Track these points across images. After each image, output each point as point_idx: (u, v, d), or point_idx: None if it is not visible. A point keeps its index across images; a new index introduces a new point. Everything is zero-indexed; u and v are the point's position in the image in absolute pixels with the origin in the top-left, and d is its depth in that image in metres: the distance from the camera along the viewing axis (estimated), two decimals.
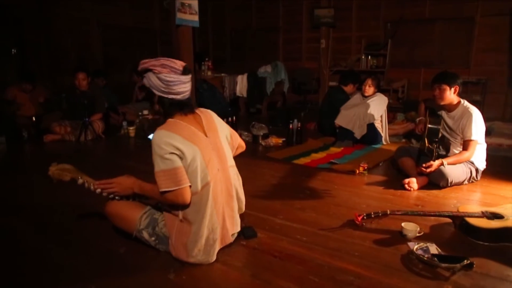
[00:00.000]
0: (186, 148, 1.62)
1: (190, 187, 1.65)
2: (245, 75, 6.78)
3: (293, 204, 2.55)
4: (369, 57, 7.11)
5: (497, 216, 2.08)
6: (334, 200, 2.66)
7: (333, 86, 6.43)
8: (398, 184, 2.92)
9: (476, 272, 1.71)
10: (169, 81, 1.67)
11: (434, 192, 2.80)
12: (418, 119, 3.33)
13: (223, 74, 6.83)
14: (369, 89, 4.41)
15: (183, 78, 1.71)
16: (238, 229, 1.95)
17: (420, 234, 2.05)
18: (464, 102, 2.95)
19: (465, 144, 2.87)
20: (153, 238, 1.82)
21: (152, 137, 1.64)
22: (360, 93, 4.55)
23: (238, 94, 6.86)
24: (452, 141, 3.02)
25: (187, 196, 1.64)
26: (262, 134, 4.55)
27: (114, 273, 1.72)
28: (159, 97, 1.73)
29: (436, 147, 2.82)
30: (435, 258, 1.74)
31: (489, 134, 4.12)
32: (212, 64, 7.14)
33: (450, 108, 2.97)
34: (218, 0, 8.61)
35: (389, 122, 4.81)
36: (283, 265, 1.78)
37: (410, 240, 2.00)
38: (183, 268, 1.73)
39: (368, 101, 4.36)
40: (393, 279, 1.66)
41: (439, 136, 2.94)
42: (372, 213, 2.19)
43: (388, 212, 2.18)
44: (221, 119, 1.95)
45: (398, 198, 2.71)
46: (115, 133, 5.05)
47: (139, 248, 1.88)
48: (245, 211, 2.05)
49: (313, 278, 1.67)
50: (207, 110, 1.89)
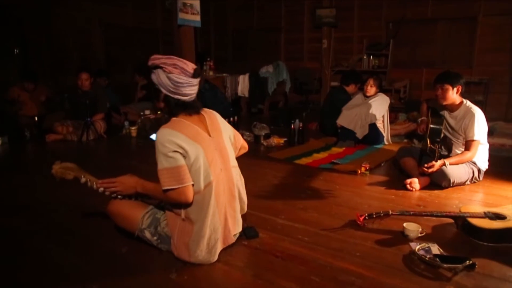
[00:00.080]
0: (190, 147, 1.63)
1: (193, 186, 1.65)
2: (247, 75, 6.78)
3: (295, 204, 2.55)
4: (371, 57, 7.10)
5: (500, 217, 2.07)
6: (336, 200, 2.65)
7: (335, 86, 6.42)
8: (400, 184, 2.92)
9: (478, 273, 1.70)
10: (179, 83, 1.67)
11: (436, 193, 2.79)
12: (420, 119, 3.32)
13: (225, 74, 6.83)
14: (371, 89, 4.41)
15: (192, 81, 1.70)
16: (240, 229, 1.95)
17: (422, 235, 2.04)
18: (467, 102, 2.94)
19: (467, 144, 2.86)
20: (155, 238, 1.83)
21: (156, 135, 1.64)
22: (362, 93, 4.55)
23: (240, 94, 6.86)
24: (454, 141, 3.01)
25: (190, 195, 1.64)
26: (264, 134, 4.55)
27: (116, 273, 1.72)
28: (166, 96, 1.72)
29: (438, 147, 2.81)
30: (437, 259, 1.74)
31: (492, 134, 4.11)
32: (214, 64, 7.14)
33: (453, 108, 2.96)
34: (220, 0, 8.61)
35: (391, 122, 4.80)
36: (285, 265, 1.78)
37: (412, 241, 2.00)
38: (185, 268, 1.73)
39: (370, 101, 4.36)
40: (395, 280, 1.66)
41: (441, 136, 2.94)
42: (374, 213, 2.18)
43: (390, 212, 2.17)
44: (224, 120, 1.95)
45: (400, 199, 2.71)
46: (117, 133, 5.06)
47: (141, 248, 1.88)
48: (247, 211, 2.05)
49: (315, 278, 1.67)
50: (211, 111, 1.89)
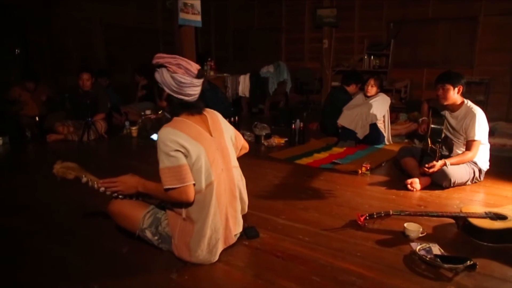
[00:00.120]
0: (191, 147, 1.63)
1: (194, 186, 1.66)
2: (248, 75, 6.78)
3: (296, 204, 2.55)
4: (372, 57, 7.10)
5: (501, 217, 2.07)
6: (337, 200, 2.65)
7: (336, 86, 6.42)
8: (401, 185, 2.92)
9: (479, 273, 1.70)
10: (182, 83, 1.67)
11: (437, 193, 2.79)
12: (421, 119, 3.32)
13: (226, 74, 6.83)
14: (372, 89, 4.41)
15: (196, 82, 1.71)
16: (241, 230, 1.96)
17: (423, 235, 2.04)
18: (468, 102, 2.93)
19: (468, 145, 2.86)
20: (156, 238, 1.83)
21: (158, 134, 1.64)
22: (363, 93, 4.55)
23: (241, 94, 6.86)
24: (455, 142, 3.01)
25: (191, 194, 1.65)
26: (265, 134, 4.55)
27: (117, 273, 1.72)
28: (168, 95, 1.72)
29: (439, 147, 2.81)
30: (438, 259, 1.74)
31: (493, 135, 4.11)
32: (215, 64, 7.14)
33: (454, 108, 2.96)
34: (221, 0, 8.61)
35: (392, 122, 4.80)
36: (286, 265, 1.78)
37: (413, 241, 2.00)
38: (186, 268, 1.73)
39: (371, 101, 4.35)
40: (396, 280, 1.66)
41: (442, 136, 2.94)
42: (375, 214, 2.18)
43: (391, 213, 2.17)
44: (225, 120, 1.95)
45: (401, 199, 2.70)
46: (118, 133, 5.06)
47: (142, 248, 1.88)
48: (248, 211, 2.05)
49: (316, 278, 1.67)
50: (213, 111, 1.89)
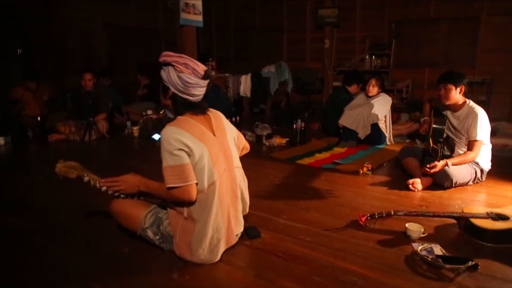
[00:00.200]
0: (195, 146, 1.63)
1: (197, 185, 1.66)
2: (249, 75, 6.78)
3: (297, 204, 2.55)
4: (373, 57, 7.09)
5: (502, 217, 2.06)
6: (338, 201, 2.65)
7: (337, 86, 6.42)
8: (402, 185, 2.91)
9: (481, 274, 1.70)
10: (189, 83, 1.67)
11: (439, 193, 2.78)
12: (423, 119, 3.31)
13: (227, 74, 6.84)
14: (373, 89, 4.40)
15: (202, 83, 1.71)
16: (242, 230, 1.96)
17: (424, 235, 2.04)
18: (470, 102, 2.93)
19: (470, 145, 2.85)
20: (158, 237, 1.83)
21: (162, 133, 1.65)
22: (364, 93, 4.54)
23: (242, 94, 6.86)
24: (457, 142, 3.00)
25: (193, 193, 1.65)
26: (266, 134, 4.55)
27: (118, 273, 1.72)
28: (173, 94, 1.72)
29: (441, 148, 2.81)
30: (440, 259, 1.74)
31: (495, 135, 4.10)
32: (216, 64, 7.15)
33: (455, 108, 2.95)
34: (222, 0, 8.62)
35: (393, 123, 4.79)
36: (287, 265, 1.78)
37: (414, 241, 2.00)
38: (187, 268, 1.74)
39: (372, 101, 4.35)
40: (397, 280, 1.66)
41: (444, 137, 2.93)
42: (376, 214, 2.18)
43: (392, 213, 2.17)
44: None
45: (402, 199, 2.70)
46: (119, 133, 5.07)
47: (143, 247, 1.88)
48: (249, 211, 2.06)
49: (317, 279, 1.66)
50: (216, 111, 1.90)
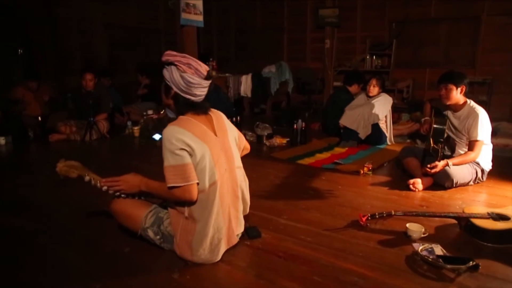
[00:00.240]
0: (197, 146, 1.64)
1: (198, 185, 1.66)
2: (250, 75, 6.78)
3: (297, 204, 2.55)
4: (374, 57, 7.09)
5: (503, 217, 2.06)
6: (339, 201, 2.65)
7: (338, 86, 6.41)
8: (403, 185, 2.91)
9: (482, 274, 1.69)
10: (191, 83, 1.68)
11: (439, 193, 2.78)
12: (424, 119, 3.32)
13: (228, 74, 6.83)
14: (374, 89, 4.40)
15: (204, 83, 1.72)
16: (242, 230, 1.96)
17: (425, 235, 2.04)
18: (471, 102, 2.92)
19: (471, 145, 2.85)
20: (158, 237, 1.83)
21: (164, 132, 1.65)
22: (365, 93, 4.54)
23: (243, 94, 6.86)
24: (458, 142, 3.00)
25: (194, 193, 1.65)
26: (267, 134, 4.55)
27: (119, 273, 1.73)
28: (175, 94, 1.73)
29: (441, 148, 2.80)
30: (440, 259, 1.74)
31: (495, 135, 4.09)
32: (217, 64, 7.15)
33: (456, 108, 2.95)
34: (223, 0, 8.62)
35: (394, 123, 4.79)
36: (287, 265, 1.78)
37: (415, 241, 1.99)
38: (187, 268, 1.74)
39: (373, 101, 4.35)
40: (398, 280, 1.65)
41: (445, 137, 2.93)
42: (377, 214, 2.18)
43: (393, 213, 2.16)
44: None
45: (403, 199, 2.70)
46: (120, 133, 5.07)
47: (144, 247, 1.88)
48: (249, 211, 2.06)
49: (317, 279, 1.66)
50: (218, 111, 1.90)
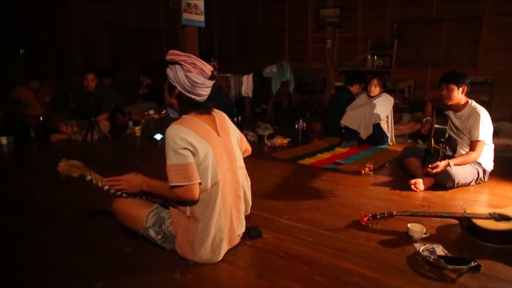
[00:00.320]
0: (200, 145, 1.64)
1: (200, 184, 1.66)
2: (251, 75, 6.78)
3: (299, 205, 2.55)
4: (375, 57, 7.08)
5: (505, 218, 2.06)
6: (340, 201, 2.65)
7: (339, 87, 6.41)
8: (404, 185, 2.91)
9: (484, 274, 1.69)
10: (196, 83, 1.68)
11: (441, 193, 2.78)
12: (425, 119, 3.32)
13: (229, 74, 6.84)
14: (375, 89, 4.39)
15: (208, 83, 1.72)
16: (243, 230, 1.96)
17: (426, 235, 2.03)
18: (472, 102, 2.92)
19: (472, 145, 2.84)
20: (160, 237, 1.83)
21: (167, 131, 1.65)
22: (366, 94, 4.53)
23: (244, 94, 6.86)
24: (459, 142, 3.00)
25: (196, 193, 1.65)
26: (268, 134, 4.55)
27: (120, 272, 1.73)
28: (179, 93, 1.73)
29: (443, 148, 2.80)
30: (442, 260, 1.73)
31: (497, 135, 4.08)
32: (218, 64, 7.15)
33: (458, 108, 2.94)
34: (224, 0, 8.62)
35: (395, 123, 4.79)
36: (289, 266, 1.78)
37: (416, 241, 1.99)
38: (189, 268, 1.74)
39: (374, 101, 4.34)
40: (399, 281, 1.65)
41: (446, 137, 2.92)
42: (378, 214, 2.17)
43: (394, 213, 2.16)
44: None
45: (404, 199, 2.69)
46: (121, 133, 5.09)
47: (145, 247, 1.89)
48: (251, 211, 2.05)
49: (318, 279, 1.66)
50: (220, 112, 1.91)
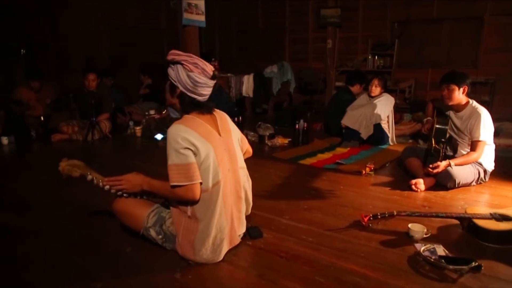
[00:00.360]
0: (201, 145, 1.64)
1: (201, 184, 1.66)
2: (251, 75, 6.78)
3: (299, 205, 2.55)
4: (376, 57, 7.07)
5: (506, 218, 2.05)
6: (340, 201, 2.65)
7: (340, 87, 6.41)
8: (405, 185, 2.91)
9: (485, 275, 1.69)
10: (198, 82, 1.69)
11: (441, 193, 2.78)
12: (426, 119, 3.31)
13: (229, 74, 6.83)
14: (376, 89, 4.39)
15: (210, 83, 1.73)
16: (244, 230, 1.96)
17: (427, 236, 2.03)
18: (473, 103, 2.92)
19: (473, 145, 2.84)
20: (160, 236, 1.83)
21: (169, 130, 1.65)
22: (367, 94, 4.53)
23: (244, 94, 6.86)
24: (460, 142, 2.99)
25: (197, 192, 1.65)
26: (268, 134, 4.56)
27: (120, 272, 1.73)
28: (181, 93, 1.73)
29: (443, 148, 2.79)
30: (442, 260, 1.73)
31: (498, 135, 4.08)
32: (219, 64, 7.14)
33: (458, 108, 2.94)
34: (225, 0, 8.62)
35: (396, 123, 4.78)
36: (289, 266, 1.78)
37: (417, 242, 1.99)
38: (189, 268, 1.74)
39: (375, 101, 4.34)
40: (400, 281, 1.65)
41: (447, 137, 2.92)
42: (379, 214, 2.17)
43: (395, 213, 2.16)
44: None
45: (405, 199, 2.69)
46: (122, 133, 5.09)
47: (146, 247, 1.89)
48: (251, 211, 2.05)
49: (319, 279, 1.66)
50: (222, 112, 1.91)
